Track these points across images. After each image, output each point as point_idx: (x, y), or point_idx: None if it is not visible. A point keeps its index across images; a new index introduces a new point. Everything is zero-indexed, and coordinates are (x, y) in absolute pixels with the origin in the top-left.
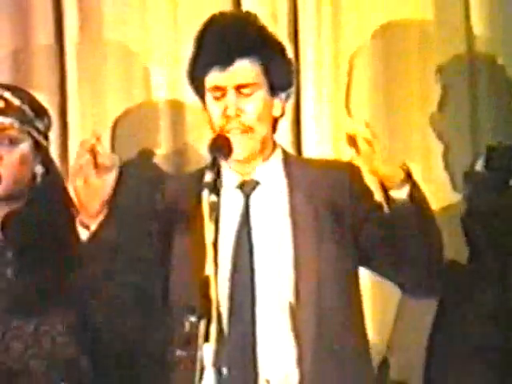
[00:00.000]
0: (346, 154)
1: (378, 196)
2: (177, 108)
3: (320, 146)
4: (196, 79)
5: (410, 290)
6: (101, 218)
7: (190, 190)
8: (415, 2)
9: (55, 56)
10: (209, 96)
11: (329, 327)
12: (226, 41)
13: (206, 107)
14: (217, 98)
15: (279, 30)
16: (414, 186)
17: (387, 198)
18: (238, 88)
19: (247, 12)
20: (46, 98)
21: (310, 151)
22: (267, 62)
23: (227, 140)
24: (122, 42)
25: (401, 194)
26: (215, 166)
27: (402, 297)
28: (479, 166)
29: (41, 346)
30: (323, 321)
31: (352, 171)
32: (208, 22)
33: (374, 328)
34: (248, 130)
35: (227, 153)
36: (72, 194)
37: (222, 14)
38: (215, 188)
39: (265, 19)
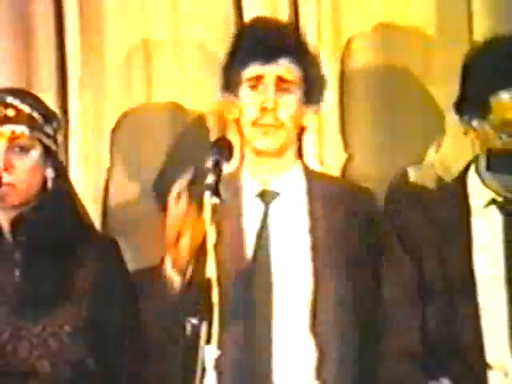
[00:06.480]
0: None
1: None
2: (177, 111)
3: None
4: (232, 72)
5: None
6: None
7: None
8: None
9: (56, 59)
10: (245, 88)
11: (350, 333)
12: (270, 39)
13: (238, 101)
14: (254, 87)
15: None
16: None
17: None
18: (279, 81)
19: (287, 21)
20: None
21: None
22: (306, 69)
23: (229, 142)
24: (123, 44)
25: None
26: (217, 168)
27: None
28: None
29: (48, 346)
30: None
31: (367, 195)
32: (249, 22)
33: None
34: (281, 126)
35: (228, 155)
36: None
37: (263, 18)
38: (217, 190)
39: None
